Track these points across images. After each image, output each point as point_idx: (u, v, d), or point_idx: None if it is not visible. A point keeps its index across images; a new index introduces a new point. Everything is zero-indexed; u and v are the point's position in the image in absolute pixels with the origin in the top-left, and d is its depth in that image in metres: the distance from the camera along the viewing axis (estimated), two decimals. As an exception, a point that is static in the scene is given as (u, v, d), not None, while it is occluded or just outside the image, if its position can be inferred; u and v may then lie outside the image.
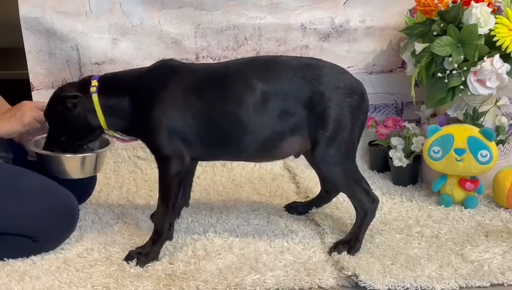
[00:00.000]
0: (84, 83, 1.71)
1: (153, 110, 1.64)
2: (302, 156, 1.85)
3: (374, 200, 1.72)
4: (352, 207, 1.73)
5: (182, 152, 1.65)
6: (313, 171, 1.95)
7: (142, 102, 1.66)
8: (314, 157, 1.67)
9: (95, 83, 1.69)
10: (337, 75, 1.67)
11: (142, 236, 1.78)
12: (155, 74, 1.70)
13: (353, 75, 1.73)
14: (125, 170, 2.34)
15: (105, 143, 1.84)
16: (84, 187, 1.94)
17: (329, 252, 1.68)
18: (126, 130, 1.73)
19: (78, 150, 1.76)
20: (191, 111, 1.64)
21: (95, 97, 1.67)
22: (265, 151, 1.69)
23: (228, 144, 1.67)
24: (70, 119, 1.69)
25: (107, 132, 1.74)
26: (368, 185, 1.74)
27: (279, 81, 1.63)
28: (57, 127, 1.73)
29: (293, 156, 1.80)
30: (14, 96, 1.92)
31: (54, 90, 1.76)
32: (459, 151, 1.96)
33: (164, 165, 1.66)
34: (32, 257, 1.66)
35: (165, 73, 1.69)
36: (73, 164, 1.76)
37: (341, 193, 1.89)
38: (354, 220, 1.74)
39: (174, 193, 1.67)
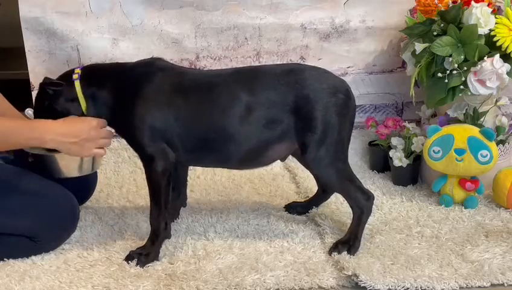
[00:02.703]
0: (66, 73, 1.71)
1: (136, 107, 1.63)
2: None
3: (369, 197, 1.71)
4: (350, 207, 1.73)
5: (165, 150, 1.64)
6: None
7: (125, 97, 1.65)
8: (305, 160, 1.67)
9: (77, 71, 1.69)
10: (319, 76, 1.67)
11: (142, 236, 1.78)
12: (142, 70, 1.69)
13: (353, 75, 1.73)
14: (126, 170, 2.34)
15: None
16: (85, 188, 1.94)
17: (329, 252, 1.68)
18: (108, 122, 1.70)
19: None
20: (174, 113, 1.63)
21: (77, 83, 1.66)
22: (251, 159, 1.69)
23: (211, 151, 1.67)
24: (54, 109, 1.67)
25: None
26: (361, 183, 1.73)
27: (263, 90, 1.63)
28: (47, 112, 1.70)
29: (279, 160, 1.79)
30: (14, 97, 1.92)
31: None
32: (459, 151, 1.96)
33: (149, 165, 1.66)
34: (33, 257, 1.66)
35: (152, 71, 1.68)
36: (69, 162, 1.74)
37: (339, 192, 1.89)
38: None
39: (164, 191, 1.66)
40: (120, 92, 1.66)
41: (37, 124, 1.61)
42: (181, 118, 1.64)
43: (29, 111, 1.88)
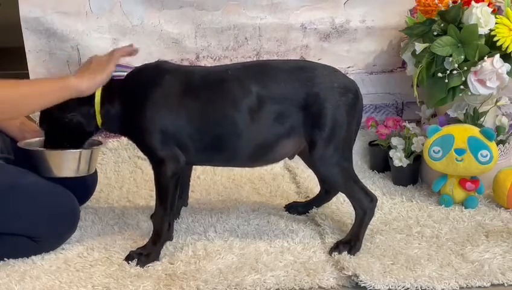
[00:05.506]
0: None
1: (146, 111, 1.63)
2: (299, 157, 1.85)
3: (373, 199, 1.72)
4: (352, 207, 1.73)
5: (176, 153, 1.65)
6: (313, 171, 1.96)
7: (135, 101, 1.65)
8: (312, 158, 1.67)
9: None
10: (330, 75, 1.67)
11: (143, 236, 1.78)
12: (149, 74, 1.69)
13: (354, 75, 1.73)
14: (126, 170, 2.34)
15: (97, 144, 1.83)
16: (85, 188, 1.94)
17: (330, 252, 1.68)
18: (118, 128, 1.71)
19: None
20: (185, 114, 1.63)
21: (97, 92, 1.66)
22: (260, 154, 1.69)
23: (222, 148, 1.67)
24: (70, 122, 1.67)
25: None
26: (364, 185, 1.73)
27: (274, 85, 1.63)
28: (58, 131, 1.71)
29: (287, 158, 1.80)
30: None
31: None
32: (460, 151, 1.96)
33: (159, 168, 1.65)
34: (33, 257, 1.66)
35: (160, 74, 1.68)
36: (60, 162, 1.72)
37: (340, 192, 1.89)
38: (354, 220, 1.74)
39: (171, 194, 1.67)
40: (129, 97, 1.66)
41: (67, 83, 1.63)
42: (193, 118, 1.64)
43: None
